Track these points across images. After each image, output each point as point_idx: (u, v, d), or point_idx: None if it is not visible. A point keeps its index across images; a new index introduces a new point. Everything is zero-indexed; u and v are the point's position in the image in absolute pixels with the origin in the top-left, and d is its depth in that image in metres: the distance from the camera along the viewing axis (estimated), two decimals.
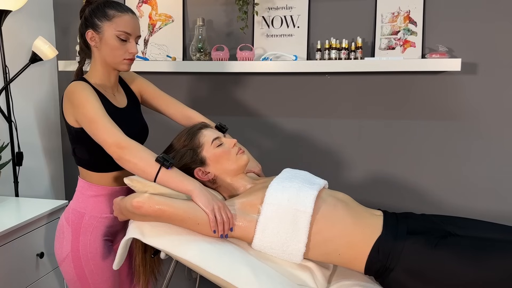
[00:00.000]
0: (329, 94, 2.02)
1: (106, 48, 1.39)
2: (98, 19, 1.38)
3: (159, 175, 1.27)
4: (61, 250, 1.45)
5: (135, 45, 1.42)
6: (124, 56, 1.41)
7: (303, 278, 1.31)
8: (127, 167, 1.29)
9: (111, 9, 1.39)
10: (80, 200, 1.46)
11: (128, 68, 1.44)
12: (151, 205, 1.22)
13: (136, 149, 1.28)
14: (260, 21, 2.04)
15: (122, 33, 1.38)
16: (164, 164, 1.27)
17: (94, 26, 1.39)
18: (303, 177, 1.42)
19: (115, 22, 1.38)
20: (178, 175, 1.30)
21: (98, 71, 1.44)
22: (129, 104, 1.53)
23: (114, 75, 1.47)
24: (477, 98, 1.88)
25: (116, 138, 1.27)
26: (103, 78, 1.44)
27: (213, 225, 1.24)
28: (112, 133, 1.28)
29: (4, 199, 1.91)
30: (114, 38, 1.38)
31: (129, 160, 1.27)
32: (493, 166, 1.89)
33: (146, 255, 1.42)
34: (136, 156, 1.27)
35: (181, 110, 1.63)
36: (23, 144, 2.08)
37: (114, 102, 1.45)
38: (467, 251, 1.22)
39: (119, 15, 1.38)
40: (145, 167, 1.27)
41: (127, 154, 1.27)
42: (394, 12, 1.90)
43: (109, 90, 1.46)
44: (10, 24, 2.02)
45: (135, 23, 1.41)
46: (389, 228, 1.31)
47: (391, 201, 2.01)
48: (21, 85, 2.11)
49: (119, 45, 1.39)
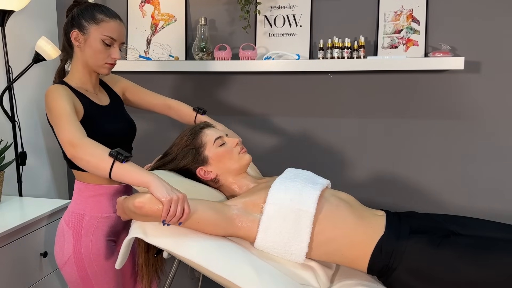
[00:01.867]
0: (332, 93, 2.02)
1: (89, 50, 1.40)
2: (85, 20, 1.39)
3: (113, 170, 1.20)
4: (62, 254, 1.44)
5: (118, 51, 1.43)
6: (106, 60, 1.42)
7: (306, 278, 1.31)
8: (81, 165, 1.24)
9: (100, 13, 1.40)
10: (78, 201, 1.45)
11: (108, 72, 1.45)
12: (151, 206, 1.22)
13: (88, 146, 1.22)
14: (263, 20, 2.03)
15: (108, 38, 1.39)
16: (117, 158, 1.20)
17: (81, 27, 1.39)
18: (306, 176, 1.42)
19: (103, 26, 1.39)
20: (134, 168, 1.22)
21: (79, 72, 1.45)
22: (112, 102, 1.54)
23: (94, 76, 1.48)
24: (480, 96, 1.87)
25: (70, 137, 1.23)
26: (83, 79, 1.45)
27: (163, 215, 1.17)
28: (68, 131, 1.24)
29: (7, 199, 1.91)
30: (99, 42, 1.39)
31: (82, 157, 1.22)
32: (496, 165, 1.89)
33: (149, 254, 1.42)
34: (88, 153, 1.21)
35: (163, 100, 1.68)
36: (26, 144, 2.09)
37: (97, 100, 1.46)
38: (470, 251, 1.22)
39: (107, 20, 1.39)
40: (98, 162, 1.21)
41: (79, 152, 1.21)
42: (397, 11, 1.89)
43: (90, 90, 1.47)
44: (13, 24, 2.03)
45: (121, 30, 1.43)
46: (391, 227, 1.31)
47: (394, 201, 2.00)
48: (24, 85, 2.12)
49: (103, 49, 1.40)
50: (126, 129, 1.53)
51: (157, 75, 2.19)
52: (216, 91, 2.15)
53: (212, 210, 1.28)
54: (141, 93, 1.67)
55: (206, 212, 1.26)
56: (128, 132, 1.53)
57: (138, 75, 2.17)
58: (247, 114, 2.13)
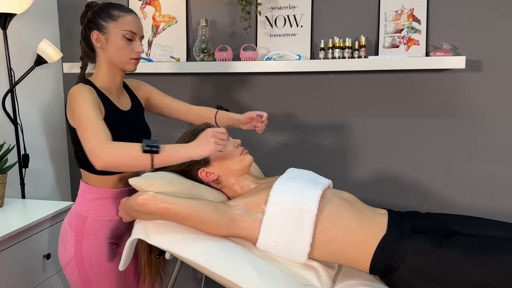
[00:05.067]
0: (333, 93, 2.02)
1: (112, 48, 1.40)
2: (103, 19, 1.39)
3: (155, 163, 1.22)
4: (64, 254, 1.45)
5: (140, 44, 1.43)
6: (130, 56, 1.42)
7: (308, 278, 1.31)
8: (120, 170, 1.26)
9: (115, 10, 1.40)
10: (82, 203, 1.46)
11: (135, 68, 1.45)
12: (155, 203, 1.23)
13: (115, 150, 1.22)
14: (263, 21, 2.04)
15: (128, 32, 1.39)
16: (152, 151, 1.21)
17: (99, 27, 1.39)
18: (307, 176, 1.42)
19: (120, 21, 1.39)
20: (171, 150, 1.24)
21: (104, 73, 1.44)
22: (133, 107, 1.53)
23: (119, 76, 1.47)
24: (481, 95, 1.86)
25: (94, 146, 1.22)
26: (108, 80, 1.45)
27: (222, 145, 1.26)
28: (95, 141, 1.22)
29: (11, 201, 1.92)
30: (120, 38, 1.39)
31: (118, 165, 1.22)
32: (498, 164, 1.88)
33: (151, 255, 1.43)
34: (121, 157, 1.21)
35: (186, 107, 1.66)
36: (29, 146, 2.10)
37: (119, 104, 1.46)
38: (472, 250, 1.21)
39: (123, 15, 1.40)
40: (138, 163, 1.22)
41: (110, 162, 1.21)
42: (398, 10, 1.89)
43: (114, 93, 1.47)
44: (15, 27, 2.04)
45: (139, 23, 1.43)
46: (393, 227, 1.31)
47: (396, 200, 2.00)
48: (27, 88, 2.13)
49: (125, 45, 1.40)
50: (142, 135, 1.51)
51: (159, 76, 2.19)
52: (218, 92, 2.16)
53: (214, 210, 1.28)
54: (165, 99, 1.65)
55: (209, 212, 1.26)
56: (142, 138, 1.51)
57: (140, 76, 2.17)
58: None
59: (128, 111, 1.49)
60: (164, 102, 1.66)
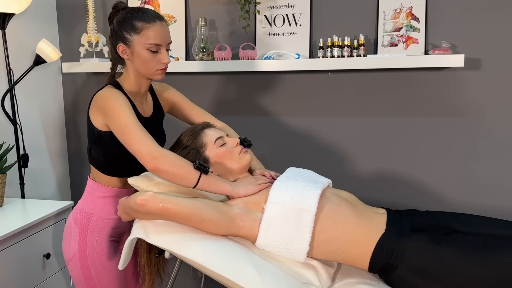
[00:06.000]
0: (332, 92, 2.02)
1: (138, 61, 1.39)
2: (126, 32, 1.36)
3: (200, 181, 1.29)
4: (68, 250, 1.46)
5: (167, 54, 1.40)
6: (156, 67, 1.40)
7: (307, 277, 1.32)
8: (165, 176, 1.29)
9: (139, 21, 1.35)
10: (88, 200, 1.47)
11: (162, 77, 1.44)
12: (155, 203, 1.23)
13: (171, 158, 1.29)
14: (262, 20, 2.04)
15: (153, 45, 1.36)
16: (203, 170, 1.30)
17: (124, 40, 1.37)
18: (307, 176, 1.43)
19: (144, 35, 1.35)
20: (215, 179, 1.34)
21: (131, 80, 1.45)
22: (154, 114, 1.54)
23: (146, 84, 1.48)
24: (480, 94, 1.87)
25: (148, 149, 1.27)
26: (135, 86, 1.45)
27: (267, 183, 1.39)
28: (145, 144, 1.28)
29: (10, 201, 1.92)
30: (145, 51, 1.37)
31: (167, 170, 1.27)
32: (497, 162, 1.88)
33: (151, 255, 1.43)
34: (174, 166, 1.28)
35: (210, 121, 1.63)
36: (28, 146, 2.10)
37: (141, 111, 1.47)
38: (471, 248, 1.21)
39: (147, 26, 1.35)
40: (186, 174, 1.28)
41: (163, 165, 1.26)
42: (397, 9, 1.89)
43: (138, 98, 1.47)
44: (14, 27, 2.04)
45: (164, 32, 1.39)
46: (392, 226, 1.31)
47: (395, 199, 2.00)
48: (26, 88, 2.13)
49: (151, 57, 1.38)
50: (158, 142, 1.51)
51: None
52: (217, 91, 2.16)
53: (214, 209, 1.28)
54: (190, 110, 1.64)
55: (209, 211, 1.27)
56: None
57: None
58: (247, 113, 2.13)
59: (148, 118, 1.50)
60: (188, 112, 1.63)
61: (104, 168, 1.45)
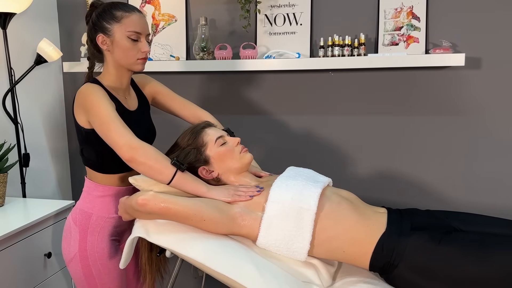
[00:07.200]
0: (333, 91, 2.02)
1: (118, 50, 1.39)
2: (106, 22, 1.38)
3: (175, 178, 1.29)
4: (68, 250, 1.46)
5: (147, 44, 1.42)
6: (137, 56, 1.41)
7: (308, 275, 1.32)
8: (141, 169, 1.29)
9: (118, 10, 1.39)
10: (87, 200, 1.47)
11: (142, 67, 1.44)
12: (156, 203, 1.23)
13: (148, 150, 1.29)
14: (263, 19, 2.04)
15: (133, 33, 1.38)
16: (180, 167, 1.30)
17: (104, 30, 1.39)
18: (307, 175, 1.43)
19: (124, 23, 1.38)
20: (190, 178, 1.33)
21: (111, 74, 1.44)
22: (139, 107, 1.54)
23: (127, 77, 1.47)
24: (481, 93, 1.87)
25: (127, 140, 1.27)
26: (115, 80, 1.45)
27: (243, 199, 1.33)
28: (123, 135, 1.28)
29: (11, 200, 1.93)
30: (125, 39, 1.38)
31: (144, 162, 1.27)
32: (497, 160, 1.88)
33: (152, 253, 1.43)
34: (151, 158, 1.28)
35: (193, 112, 1.64)
36: (29, 146, 2.10)
37: (125, 104, 1.46)
38: (471, 247, 1.21)
39: (127, 15, 1.38)
40: (162, 169, 1.28)
41: (140, 156, 1.26)
42: (397, 8, 1.89)
43: (120, 93, 1.47)
44: (15, 27, 2.04)
45: (143, 22, 1.42)
46: (393, 224, 1.31)
47: (396, 198, 2.00)
48: (27, 87, 2.13)
49: (131, 46, 1.39)
50: (147, 135, 1.53)
51: (158, 75, 2.20)
52: (217, 91, 2.16)
53: (215, 209, 1.28)
54: (172, 100, 1.63)
55: (210, 211, 1.27)
56: (148, 138, 1.53)
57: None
58: (248, 112, 2.13)
59: (134, 111, 1.50)
60: (171, 103, 1.63)
61: (98, 166, 1.45)
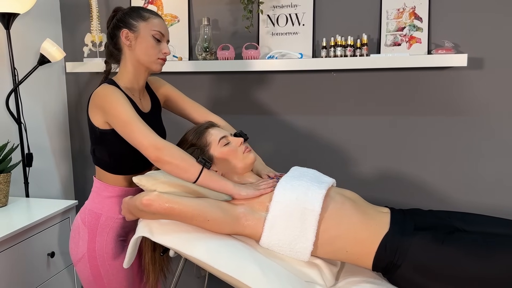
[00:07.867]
0: (335, 91, 2.02)
1: (141, 46, 1.43)
2: (133, 19, 1.43)
3: (202, 176, 1.30)
4: (76, 251, 1.46)
5: (168, 47, 1.47)
6: (158, 56, 1.45)
7: (311, 275, 1.32)
8: (167, 168, 1.30)
9: (146, 12, 1.46)
10: (96, 201, 1.48)
11: (161, 68, 1.48)
12: (160, 203, 1.24)
13: (174, 150, 1.30)
14: (265, 20, 2.04)
15: (158, 32, 1.43)
16: (205, 165, 1.31)
17: (130, 26, 1.43)
18: (311, 175, 1.43)
19: (151, 22, 1.43)
20: (216, 175, 1.34)
21: (129, 73, 1.46)
22: (153, 109, 1.55)
23: (143, 77, 1.50)
24: (483, 93, 1.87)
25: (151, 140, 1.29)
26: (132, 80, 1.47)
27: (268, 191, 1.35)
28: (147, 135, 1.30)
29: (14, 200, 1.93)
30: (150, 37, 1.43)
31: (170, 161, 1.28)
32: (500, 161, 1.88)
33: (155, 253, 1.44)
34: (177, 157, 1.29)
35: (205, 116, 1.64)
36: (32, 145, 2.10)
37: (140, 106, 1.48)
38: (474, 247, 1.22)
39: (153, 17, 1.45)
40: (188, 167, 1.30)
41: (166, 156, 1.28)
42: (400, 8, 1.89)
43: (136, 94, 1.49)
44: (18, 27, 2.05)
45: (166, 27, 1.49)
46: (396, 225, 1.31)
47: (399, 198, 2.01)
48: (30, 87, 2.14)
49: (154, 44, 1.43)
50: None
51: (161, 75, 2.20)
52: (220, 91, 2.16)
53: (219, 209, 1.29)
54: (184, 104, 1.65)
55: (214, 211, 1.27)
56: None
57: None
58: (251, 113, 2.14)
59: (148, 113, 1.51)
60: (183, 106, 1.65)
61: (110, 167, 1.45)
